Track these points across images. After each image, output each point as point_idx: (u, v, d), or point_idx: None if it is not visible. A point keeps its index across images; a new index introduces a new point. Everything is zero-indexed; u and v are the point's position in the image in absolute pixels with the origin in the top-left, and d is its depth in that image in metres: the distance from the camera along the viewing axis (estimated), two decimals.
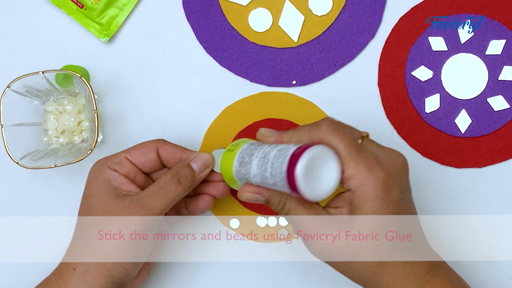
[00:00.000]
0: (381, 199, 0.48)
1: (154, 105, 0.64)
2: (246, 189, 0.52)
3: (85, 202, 0.56)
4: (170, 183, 0.55)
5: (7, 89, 0.58)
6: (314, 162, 0.47)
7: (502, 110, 0.62)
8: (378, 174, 0.48)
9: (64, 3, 0.63)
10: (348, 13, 0.62)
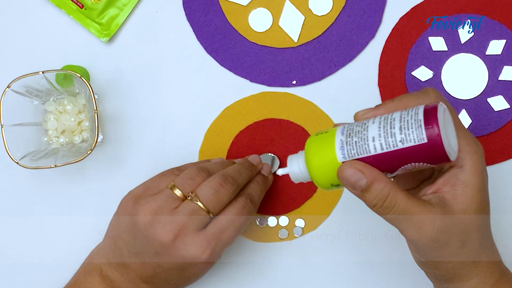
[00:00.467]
0: (484, 175, 0.46)
1: (154, 105, 0.64)
2: (352, 164, 0.44)
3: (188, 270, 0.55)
4: (236, 219, 0.55)
5: (7, 89, 0.58)
6: (446, 118, 0.42)
7: (502, 110, 0.62)
8: (480, 148, 0.46)
9: (64, 3, 0.63)
10: (348, 13, 0.62)
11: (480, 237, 0.47)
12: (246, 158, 0.60)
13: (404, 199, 0.44)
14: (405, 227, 0.45)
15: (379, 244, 0.63)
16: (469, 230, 0.46)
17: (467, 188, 0.45)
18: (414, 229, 0.45)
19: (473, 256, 0.47)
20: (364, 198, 0.45)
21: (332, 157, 0.44)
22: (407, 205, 0.44)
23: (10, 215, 0.65)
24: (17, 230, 0.64)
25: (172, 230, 0.53)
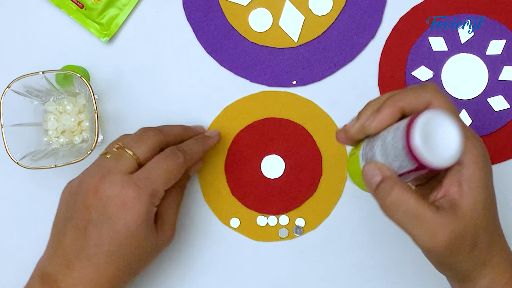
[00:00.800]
0: (486, 169, 0.46)
1: (154, 105, 0.64)
2: (371, 163, 0.47)
3: (116, 235, 0.53)
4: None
5: (7, 89, 0.58)
6: (431, 126, 0.43)
7: (502, 110, 0.62)
8: (480, 142, 0.46)
9: (64, 3, 0.63)
10: (348, 13, 0.62)
11: (489, 236, 0.47)
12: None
13: (415, 201, 0.44)
14: (418, 233, 0.45)
15: (379, 244, 0.63)
16: (478, 231, 0.46)
17: (472, 184, 0.45)
18: (427, 236, 0.44)
19: (483, 257, 0.47)
20: (377, 196, 0.45)
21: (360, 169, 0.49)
22: (419, 208, 0.44)
23: (10, 215, 0.65)
24: (17, 230, 0.64)
25: (98, 174, 0.53)
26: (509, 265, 0.48)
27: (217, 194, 0.64)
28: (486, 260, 0.47)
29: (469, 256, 0.46)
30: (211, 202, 0.64)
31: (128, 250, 0.53)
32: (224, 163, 0.63)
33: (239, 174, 0.63)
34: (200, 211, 0.64)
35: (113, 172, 0.53)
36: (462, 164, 0.45)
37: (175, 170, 0.55)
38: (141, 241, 0.54)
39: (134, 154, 0.55)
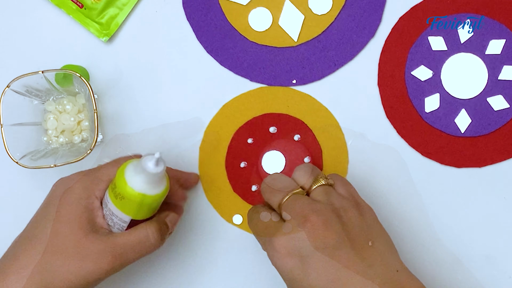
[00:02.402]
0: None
1: (154, 104, 0.64)
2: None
3: (50, 224, 0.53)
4: (150, 238, 0.53)
5: (7, 88, 0.58)
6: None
7: (502, 109, 0.62)
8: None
9: (64, 2, 0.63)
10: (348, 12, 0.62)
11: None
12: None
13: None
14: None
15: None
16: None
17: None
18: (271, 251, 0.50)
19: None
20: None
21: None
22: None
23: (10, 215, 0.65)
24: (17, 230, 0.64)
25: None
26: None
27: (218, 191, 0.64)
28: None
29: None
30: (213, 199, 0.64)
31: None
32: (225, 160, 0.63)
33: (240, 170, 0.63)
34: (202, 209, 0.64)
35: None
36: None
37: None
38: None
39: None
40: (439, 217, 0.62)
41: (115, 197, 0.52)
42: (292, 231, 0.49)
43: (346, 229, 0.49)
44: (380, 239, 0.50)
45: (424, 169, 0.63)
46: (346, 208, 0.50)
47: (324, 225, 0.48)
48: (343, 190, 0.53)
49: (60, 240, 0.52)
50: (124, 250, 0.52)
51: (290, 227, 0.49)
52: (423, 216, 0.63)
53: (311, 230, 0.48)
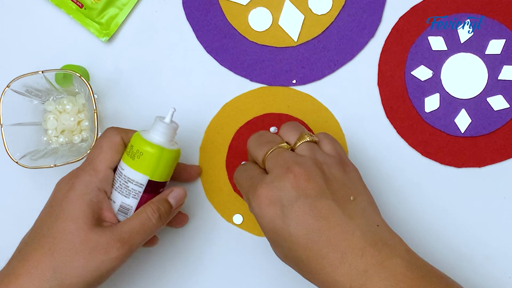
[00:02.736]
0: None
1: (154, 104, 0.64)
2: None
3: (56, 223, 0.53)
4: (151, 218, 0.54)
5: (7, 88, 0.58)
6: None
7: (502, 109, 0.62)
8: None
9: (64, 2, 0.63)
10: (348, 12, 0.62)
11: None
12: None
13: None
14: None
15: None
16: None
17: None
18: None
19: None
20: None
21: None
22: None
23: (9, 215, 0.65)
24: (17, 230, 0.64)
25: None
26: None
27: (219, 191, 0.64)
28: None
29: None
30: (213, 199, 0.64)
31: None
32: (225, 160, 0.63)
33: None
34: (202, 208, 0.64)
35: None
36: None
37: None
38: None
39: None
40: (439, 217, 0.62)
41: (132, 158, 0.54)
42: (274, 181, 0.49)
43: (328, 182, 0.50)
44: (362, 196, 0.51)
45: (424, 169, 0.63)
46: (329, 164, 0.51)
47: (306, 175, 0.49)
48: (329, 147, 0.53)
49: (67, 237, 0.52)
50: (130, 235, 0.53)
51: (272, 177, 0.50)
52: (423, 216, 0.63)
53: (293, 180, 0.49)
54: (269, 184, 0.50)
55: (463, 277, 0.62)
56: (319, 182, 0.49)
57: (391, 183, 0.63)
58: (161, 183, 0.56)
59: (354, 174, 0.53)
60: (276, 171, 0.50)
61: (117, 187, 0.55)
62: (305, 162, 0.50)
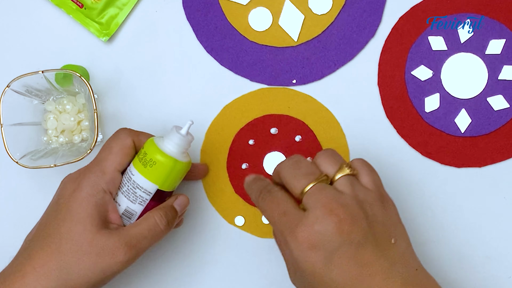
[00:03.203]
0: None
1: (154, 105, 0.64)
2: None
3: (63, 223, 0.53)
4: (159, 224, 0.54)
5: (7, 88, 0.58)
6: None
7: (502, 109, 0.62)
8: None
9: (64, 2, 0.63)
10: (348, 12, 0.62)
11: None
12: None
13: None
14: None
15: None
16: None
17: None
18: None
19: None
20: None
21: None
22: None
23: (9, 214, 0.65)
24: (17, 230, 0.64)
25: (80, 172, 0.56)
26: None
27: (220, 193, 0.64)
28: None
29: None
30: (214, 201, 0.64)
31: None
32: (226, 162, 0.63)
33: (241, 172, 0.63)
34: (204, 210, 0.64)
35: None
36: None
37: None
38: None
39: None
40: (439, 217, 0.62)
41: (143, 166, 0.54)
42: (316, 223, 0.47)
43: (371, 225, 0.48)
44: (402, 236, 0.50)
45: (424, 169, 0.63)
46: (371, 202, 0.49)
47: (351, 220, 0.46)
48: (368, 180, 0.51)
49: (74, 239, 0.52)
50: (138, 240, 0.53)
51: (314, 218, 0.47)
52: (423, 216, 0.63)
53: (337, 225, 0.46)
54: (311, 226, 0.47)
55: (463, 277, 0.62)
56: (363, 226, 0.47)
57: (391, 183, 0.63)
58: (168, 192, 0.56)
59: (393, 210, 0.51)
60: (318, 212, 0.47)
61: (124, 191, 0.55)
62: (348, 203, 0.48)
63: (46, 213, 0.56)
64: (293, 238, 0.47)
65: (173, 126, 0.55)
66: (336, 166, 0.50)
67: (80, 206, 0.53)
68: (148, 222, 0.54)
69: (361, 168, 0.51)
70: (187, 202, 0.58)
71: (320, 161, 0.51)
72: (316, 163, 0.51)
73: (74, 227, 0.53)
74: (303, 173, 0.50)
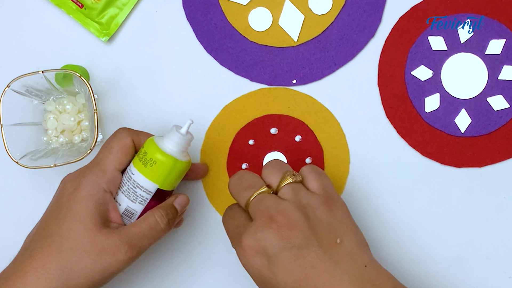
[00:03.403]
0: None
1: (154, 105, 0.64)
2: None
3: (64, 223, 0.53)
4: (160, 223, 0.55)
5: (7, 88, 0.58)
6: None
7: (502, 109, 0.62)
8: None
9: (64, 2, 0.63)
10: (348, 12, 0.62)
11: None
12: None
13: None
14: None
15: (379, 239, 0.63)
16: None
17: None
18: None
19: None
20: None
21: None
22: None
23: (10, 215, 0.65)
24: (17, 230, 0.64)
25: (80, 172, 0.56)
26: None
27: (220, 193, 0.64)
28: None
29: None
30: (214, 201, 0.64)
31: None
32: (226, 162, 0.63)
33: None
34: (204, 210, 0.64)
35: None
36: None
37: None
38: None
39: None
40: (439, 217, 0.62)
41: (144, 165, 0.54)
42: (257, 231, 0.49)
43: (313, 227, 0.49)
44: (349, 235, 0.50)
45: (424, 169, 0.63)
46: (313, 206, 0.50)
47: (289, 224, 0.48)
48: (314, 184, 0.52)
49: (75, 238, 0.52)
50: (138, 239, 0.54)
51: (255, 227, 0.49)
52: (423, 216, 0.63)
53: (277, 230, 0.48)
54: (253, 235, 0.49)
55: (463, 277, 0.62)
56: (303, 229, 0.48)
57: (391, 183, 0.63)
58: (169, 192, 0.56)
59: (341, 212, 0.51)
60: (259, 220, 0.49)
61: (125, 191, 0.55)
62: (287, 208, 0.49)
63: (46, 213, 0.56)
64: (239, 246, 0.50)
65: (173, 126, 0.55)
66: (279, 175, 0.52)
67: (81, 206, 0.53)
68: (148, 221, 0.54)
69: (309, 174, 0.53)
70: (187, 201, 0.58)
71: (264, 173, 0.53)
72: (262, 176, 0.53)
73: (75, 227, 0.53)
74: (245, 186, 0.52)
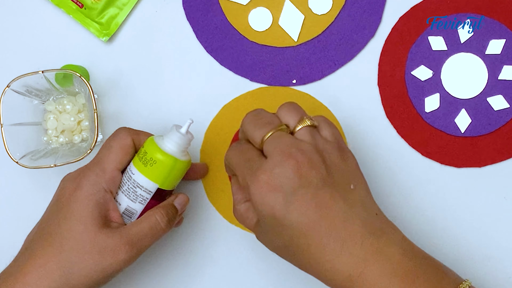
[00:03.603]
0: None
1: (154, 105, 0.64)
2: None
3: (64, 222, 0.53)
4: (160, 223, 0.55)
5: (7, 88, 0.58)
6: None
7: (502, 109, 0.62)
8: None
9: (64, 2, 0.63)
10: (348, 12, 0.62)
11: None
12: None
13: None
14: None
15: None
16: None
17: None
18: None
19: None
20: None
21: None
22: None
23: (10, 215, 0.65)
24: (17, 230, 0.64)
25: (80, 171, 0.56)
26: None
27: (221, 193, 0.64)
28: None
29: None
30: (215, 201, 0.64)
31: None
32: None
33: None
34: (204, 210, 0.64)
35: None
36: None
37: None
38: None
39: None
40: (439, 217, 0.62)
41: (144, 165, 0.54)
42: (275, 167, 0.48)
43: (330, 171, 0.49)
44: (361, 184, 0.51)
45: (424, 169, 0.63)
46: (330, 151, 0.50)
47: (309, 163, 0.48)
48: (328, 132, 0.52)
49: (76, 237, 0.52)
50: (139, 238, 0.54)
51: (273, 163, 0.48)
52: (423, 216, 0.63)
53: (296, 168, 0.47)
54: (270, 170, 0.48)
55: (463, 277, 0.62)
56: (321, 170, 0.48)
57: (391, 183, 0.63)
58: (169, 191, 0.57)
59: (352, 161, 0.52)
60: (277, 156, 0.48)
61: (125, 190, 0.55)
62: (307, 148, 0.49)
63: (46, 213, 0.56)
64: (254, 181, 0.48)
65: (173, 125, 0.55)
66: (297, 117, 0.52)
67: (81, 205, 0.53)
68: (149, 221, 0.55)
69: (322, 122, 0.52)
70: (187, 200, 0.58)
71: (281, 112, 0.52)
72: (278, 114, 0.52)
73: (75, 226, 0.53)
74: (263, 123, 0.51)
